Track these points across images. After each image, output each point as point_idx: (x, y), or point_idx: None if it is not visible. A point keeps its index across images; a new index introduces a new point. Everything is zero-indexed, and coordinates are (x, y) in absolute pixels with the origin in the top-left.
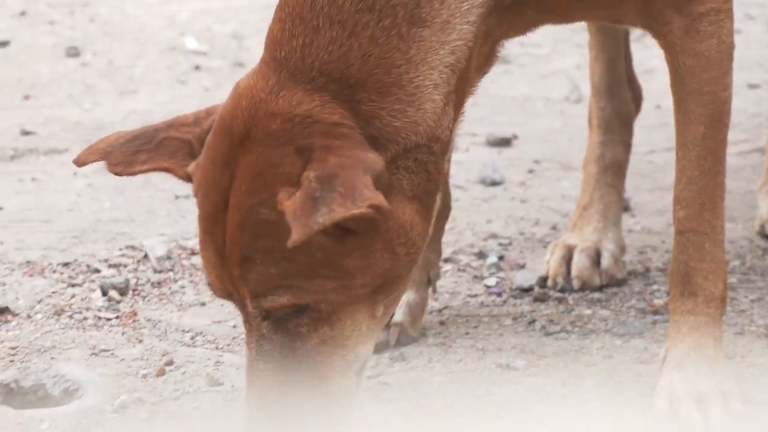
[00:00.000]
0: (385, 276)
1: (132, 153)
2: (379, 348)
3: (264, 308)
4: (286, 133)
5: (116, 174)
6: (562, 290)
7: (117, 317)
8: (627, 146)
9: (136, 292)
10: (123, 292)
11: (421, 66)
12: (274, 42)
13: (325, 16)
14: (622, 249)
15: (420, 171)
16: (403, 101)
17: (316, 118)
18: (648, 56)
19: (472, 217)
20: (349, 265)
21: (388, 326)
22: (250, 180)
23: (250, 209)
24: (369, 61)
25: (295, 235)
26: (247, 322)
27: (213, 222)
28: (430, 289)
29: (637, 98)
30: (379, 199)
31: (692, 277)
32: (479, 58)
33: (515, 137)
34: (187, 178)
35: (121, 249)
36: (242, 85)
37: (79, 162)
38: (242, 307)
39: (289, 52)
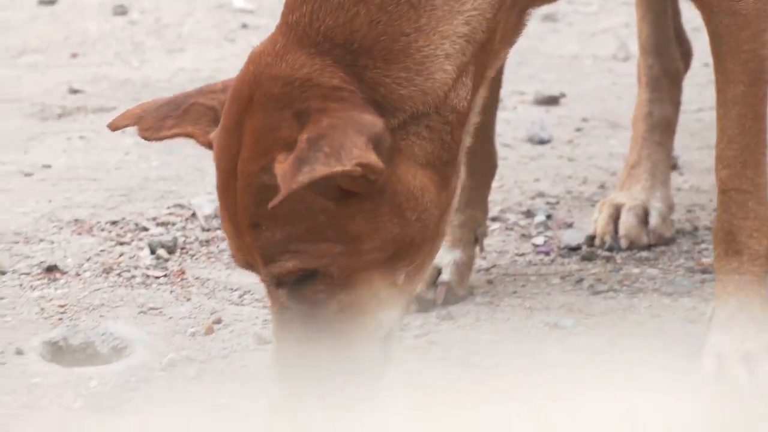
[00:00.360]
0: (397, 242)
1: (161, 118)
2: (427, 307)
3: (273, 274)
4: (285, 97)
5: (145, 138)
6: (609, 249)
7: (165, 275)
8: (676, 104)
9: (184, 251)
10: (171, 250)
11: (432, 35)
12: (287, 7)
13: None
14: (671, 208)
15: (434, 139)
16: (411, 69)
17: (315, 82)
18: (697, 14)
19: (519, 175)
20: (354, 228)
21: (435, 285)
22: (252, 146)
23: (253, 175)
24: (376, 27)
25: (278, 196)
26: (268, 292)
27: (226, 190)
28: (477, 248)
29: (686, 55)
30: (369, 158)
31: (736, 236)
32: (505, 29)
33: (563, 95)
34: (209, 145)
35: (169, 207)
36: (254, 51)
37: (113, 126)
38: (260, 276)
39: (299, 17)
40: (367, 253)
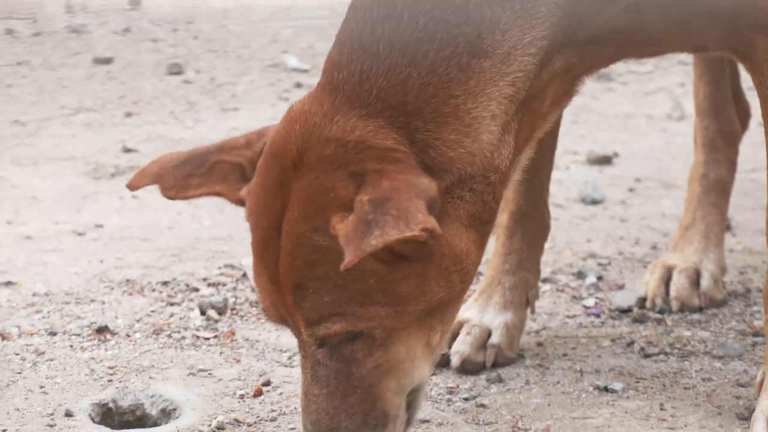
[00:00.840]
0: (439, 302)
1: (184, 177)
2: (476, 369)
3: (318, 336)
4: (339, 159)
5: (169, 198)
6: (660, 311)
7: (215, 337)
8: (732, 165)
9: (235, 312)
10: (221, 311)
11: (480, 97)
12: (332, 65)
13: (386, 42)
14: (723, 270)
15: (476, 200)
16: (460, 132)
17: (370, 144)
18: None
19: (571, 236)
20: (402, 291)
21: (485, 348)
22: (302, 206)
23: (302, 235)
24: (427, 90)
25: (348, 258)
26: (302, 347)
27: (265, 248)
28: (528, 310)
29: (743, 117)
30: (432, 223)
31: None
32: (556, 94)
33: (616, 155)
34: (240, 203)
35: (220, 267)
36: (296, 109)
37: (132, 186)
38: (297, 334)
39: (347, 75)
40: (410, 314)
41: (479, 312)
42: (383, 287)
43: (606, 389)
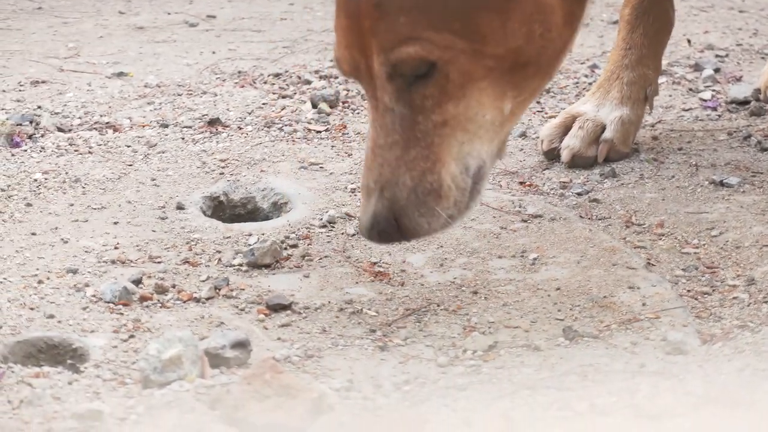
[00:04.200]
0: (517, 56)
1: None
2: (587, 164)
3: (391, 62)
4: None
5: None
6: None
7: (326, 130)
8: None
9: (346, 105)
10: (333, 104)
11: None
12: None
13: None
14: None
15: None
16: None
17: None
18: None
19: (688, 27)
20: (483, 25)
21: (597, 143)
22: None
23: None
24: None
25: None
26: (372, 97)
27: None
28: (647, 107)
29: None
30: None
31: None
32: None
33: None
34: None
35: (332, 60)
36: None
37: None
38: (369, 79)
39: None
40: (488, 58)
41: (595, 106)
42: (463, 15)
43: (721, 183)
